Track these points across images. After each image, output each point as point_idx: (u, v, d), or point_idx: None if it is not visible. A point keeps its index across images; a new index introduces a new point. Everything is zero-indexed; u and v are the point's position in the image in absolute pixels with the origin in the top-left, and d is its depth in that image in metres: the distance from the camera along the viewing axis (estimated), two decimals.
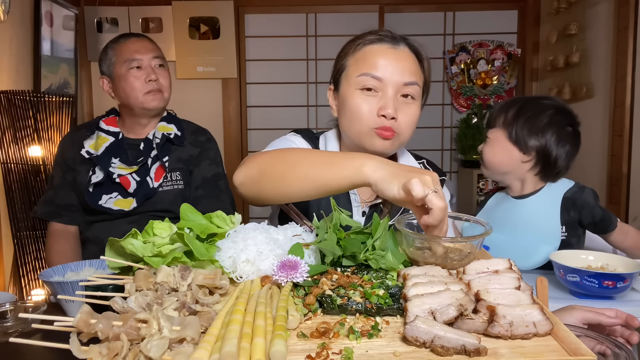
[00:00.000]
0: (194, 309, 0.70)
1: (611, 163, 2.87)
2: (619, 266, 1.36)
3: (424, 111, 1.24)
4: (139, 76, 1.72)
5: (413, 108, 1.16)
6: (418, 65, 1.18)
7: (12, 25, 2.75)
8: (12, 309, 1.12)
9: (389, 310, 0.73)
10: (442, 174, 1.33)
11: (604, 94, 2.97)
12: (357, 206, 1.25)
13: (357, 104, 1.14)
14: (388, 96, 1.12)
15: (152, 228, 0.90)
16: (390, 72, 1.13)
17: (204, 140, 1.86)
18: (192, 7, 3.88)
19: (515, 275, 0.76)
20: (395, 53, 1.15)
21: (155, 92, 1.73)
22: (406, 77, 1.14)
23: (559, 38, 3.43)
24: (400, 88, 1.14)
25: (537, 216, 1.56)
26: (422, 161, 1.35)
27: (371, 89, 1.13)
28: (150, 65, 1.74)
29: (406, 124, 1.15)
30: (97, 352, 0.58)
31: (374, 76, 1.13)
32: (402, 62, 1.14)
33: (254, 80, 4.12)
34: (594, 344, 0.82)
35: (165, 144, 1.77)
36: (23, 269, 2.56)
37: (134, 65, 1.72)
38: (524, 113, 1.54)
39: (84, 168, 1.74)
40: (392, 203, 1.19)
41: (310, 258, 0.89)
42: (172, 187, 1.75)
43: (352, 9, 4.02)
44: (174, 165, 1.77)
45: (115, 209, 1.68)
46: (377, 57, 1.14)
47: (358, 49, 1.17)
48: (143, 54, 1.73)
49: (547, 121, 1.53)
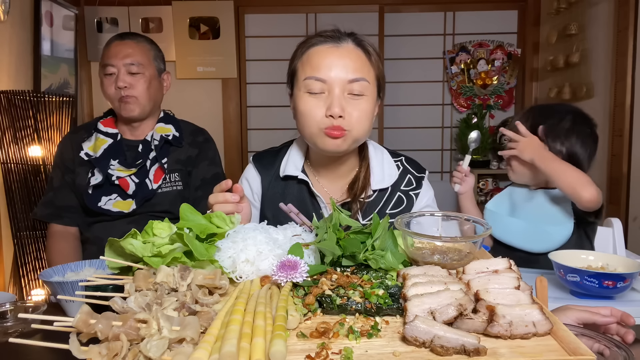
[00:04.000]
0: (193, 309, 0.70)
1: (611, 163, 2.87)
2: (619, 266, 1.36)
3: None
4: (111, 83, 1.69)
5: (363, 104, 1.16)
6: (365, 60, 1.18)
7: (12, 25, 2.75)
8: (12, 309, 1.12)
9: (388, 310, 0.73)
10: (421, 171, 1.35)
11: (604, 94, 2.97)
12: (324, 207, 1.28)
13: (306, 107, 1.16)
14: (333, 96, 1.14)
15: (152, 228, 0.90)
16: (334, 71, 1.14)
17: (202, 140, 1.85)
18: (192, 7, 3.88)
19: (515, 275, 0.76)
20: (338, 51, 1.16)
21: (126, 100, 1.68)
22: (350, 74, 1.14)
23: (559, 38, 3.43)
24: (345, 86, 1.15)
25: (553, 205, 1.63)
26: (399, 159, 1.35)
27: (317, 92, 1.15)
28: (122, 71, 1.67)
29: (356, 119, 1.16)
30: (96, 352, 0.58)
31: (318, 78, 1.15)
32: (345, 60, 1.15)
33: (254, 80, 4.12)
34: (592, 343, 0.82)
35: (163, 145, 1.76)
36: (23, 269, 2.56)
37: (107, 72, 1.69)
38: (545, 120, 1.62)
39: (83, 170, 1.73)
40: (362, 201, 1.26)
41: (309, 258, 0.89)
42: (171, 188, 1.74)
43: (352, 9, 4.01)
44: (173, 166, 1.76)
45: (114, 210, 1.68)
46: (319, 59, 1.16)
47: (304, 52, 1.20)
48: (116, 60, 1.68)
49: (570, 126, 1.61)
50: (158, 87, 1.79)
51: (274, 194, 1.31)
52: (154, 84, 1.75)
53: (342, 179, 1.30)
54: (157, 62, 1.79)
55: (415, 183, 1.32)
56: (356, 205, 1.26)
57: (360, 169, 1.30)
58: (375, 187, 1.27)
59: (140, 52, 1.72)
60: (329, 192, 1.29)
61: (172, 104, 1.96)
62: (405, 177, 1.32)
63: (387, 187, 1.29)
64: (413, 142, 4.15)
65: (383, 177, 1.28)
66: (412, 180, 1.32)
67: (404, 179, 1.31)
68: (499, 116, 4.12)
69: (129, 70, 1.68)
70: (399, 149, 1.45)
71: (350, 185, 1.28)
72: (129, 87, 1.68)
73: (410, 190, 1.31)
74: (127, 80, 1.68)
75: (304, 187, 1.30)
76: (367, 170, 1.29)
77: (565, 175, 1.49)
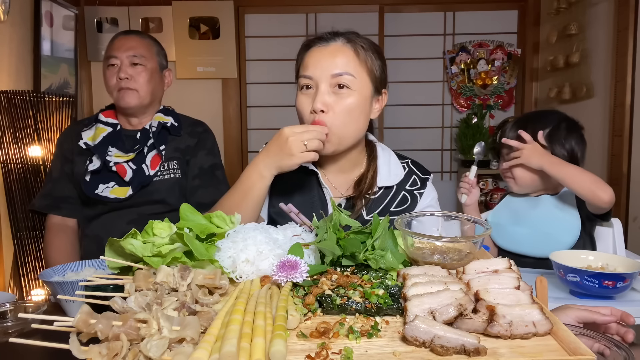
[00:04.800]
0: (193, 309, 0.70)
1: (611, 163, 2.87)
2: (619, 266, 1.36)
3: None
4: (113, 74, 1.73)
5: (348, 98, 1.19)
6: (353, 56, 1.21)
7: (12, 25, 2.75)
8: (12, 309, 1.12)
9: (388, 310, 0.73)
10: (426, 173, 1.39)
11: (604, 94, 2.97)
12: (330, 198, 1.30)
13: (297, 104, 1.24)
14: (318, 92, 1.18)
15: (152, 228, 0.90)
16: (319, 68, 1.19)
17: (201, 131, 1.87)
18: (192, 7, 3.88)
19: (515, 275, 0.76)
20: (327, 49, 1.21)
21: (126, 90, 1.72)
22: (333, 69, 1.18)
23: (559, 38, 3.43)
24: (330, 80, 1.18)
25: (558, 210, 1.64)
26: (405, 161, 1.39)
27: (307, 87, 1.21)
28: (125, 63, 1.72)
29: (339, 114, 1.18)
30: (96, 352, 0.58)
31: (306, 76, 1.21)
32: (331, 56, 1.19)
33: (254, 80, 4.12)
34: (592, 343, 0.82)
35: (162, 131, 1.79)
36: (23, 269, 2.56)
37: (110, 63, 1.73)
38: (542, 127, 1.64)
39: (81, 159, 1.75)
40: (367, 198, 1.29)
41: (309, 258, 0.89)
42: (168, 176, 1.75)
43: (352, 9, 4.01)
44: (171, 154, 1.78)
45: (111, 197, 1.68)
46: (309, 58, 1.22)
47: (300, 56, 1.27)
48: (120, 52, 1.72)
49: (566, 132, 1.64)
50: (159, 80, 1.82)
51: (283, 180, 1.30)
52: (155, 78, 1.79)
53: (347, 175, 1.34)
54: (160, 57, 1.83)
55: (420, 183, 1.35)
56: (361, 201, 1.29)
57: (368, 167, 1.33)
58: (381, 184, 1.31)
59: (144, 45, 1.77)
60: (335, 185, 1.33)
61: (173, 104, 1.95)
62: (411, 178, 1.35)
63: (392, 186, 1.32)
64: (413, 142, 4.14)
65: (389, 175, 1.32)
66: (417, 180, 1.36)
67: (409, 179, 1.35)
68: (499, 116, 4.12)
69: (131, 62, 1.73)
70: (399, 149, 1.46)
71: (357, 182, 1.32)
72: (130, 79, 1.72)
73: (415, 190, 1.34)
74: (128, 71, 1.72)
75: (313, 177, 1.33)
76: (374, 168, 1.33)
77: (580, 178, 1.49)
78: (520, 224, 1.68)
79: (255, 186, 1.19)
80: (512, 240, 1.68)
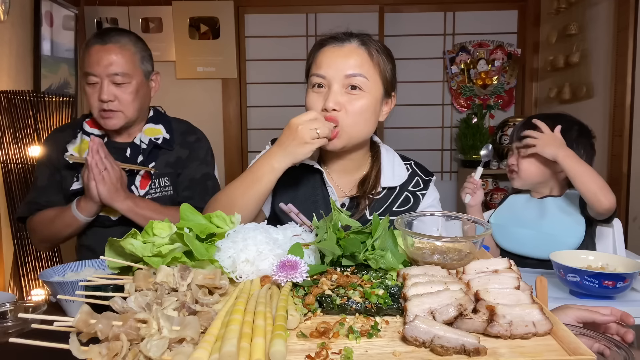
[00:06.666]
0: (193, 309, 0.70)
1: (611, 163, 2.87)
2: (619, 266, 1.36)
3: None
4: (93, 93, 1.55)
5: (360, 100, 1.20)
6: (367, 58, 1.22)
7: (12, 25, 2.75)
8: (12, 309, 1.12)
9: (388, 310, 0.73)
10: (429, 174, 1.40)
11: (604, 94, 2.97)
12: (335, 200, 1.29)
13: (308, 101, 1.25)
14: (331, 91, 1.20)
15: (152, 228, 0.90)
16: (333, 68, 1.20)
17: (193, 140, 1.74)
18: (192, 7, 3.88)
19: (515, 275, 0.76)
20: (341, 50, 1.22)
21: (109, 112, 1.55)
22: (347, 70, 1.19)
23: (559, 38, 3.43)
24: (343, 81, 1.20)
25: (562, 212, 1.65)
26: (409, 162, 1.40)
27: (319, 86, 1.22)
28: (105, 82, 1.53)
29: (350, 115, 1.20)
30: (96, 352, 0.58)
31: (318, 74, 1.22)
32: (345, 57, 1.21)
33: (254, 80, 4.12)
34: (592, 343, 0.82)
35: (152, 150, 1.65)
36: (23, 269, 2.56)
37: (89, 82, 1.55)
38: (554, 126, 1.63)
39: (69, 174, 1.63)
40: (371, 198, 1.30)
41: (309, 258, 0.89)
42: (160, 194, 1.66)
43: (352, 9, 4.01)
44: (162, 170, 1.67)
45: (102, 215, 1.59)
46: (323, 57, 1.23)
47: (314, 52, 1.27)
48: (99, 69, 1.52)
49: (577, 134, 1.66)
50: (146, 93, 1.66)
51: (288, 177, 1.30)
52: (142, 91, 1.62)
53: (351, 175, 1.35)
54: (145, 65, 1.63)
55: (422, 184, 1.37)
56: (365, 201, 1.30)
57: (372, 168, 1.35)
58: (384, 184, 1.32)
59: (125, 59, 1.56)
60: (339, 184, 1.34)
61: (173, 104, 1.94)
62: (414, 179, 1.37)
63: (395, 186, 1.33)
64: (413, 142, 4.15)
65: (393, 176, 1.33)
66: (420, 181, 1.37)
67: (412, 180, 1.36)
68: (499, 116, 4.12)
69: (113, 81, 1.54)
70: (399, 149, 1.46)
71: (361, 182, 1.33)
72: (114, 100, 1.55)
73: (417, 191, 1.35)
74: (111, 91, 1.54)
75: (317, 176, 1.34)
76: (378, 169, 1.34)
77: (589, 178, 1.49)
78: (523, 225, 1.68)
79: (264, 177, 1.18)
80: (515, 241, 1.69)
